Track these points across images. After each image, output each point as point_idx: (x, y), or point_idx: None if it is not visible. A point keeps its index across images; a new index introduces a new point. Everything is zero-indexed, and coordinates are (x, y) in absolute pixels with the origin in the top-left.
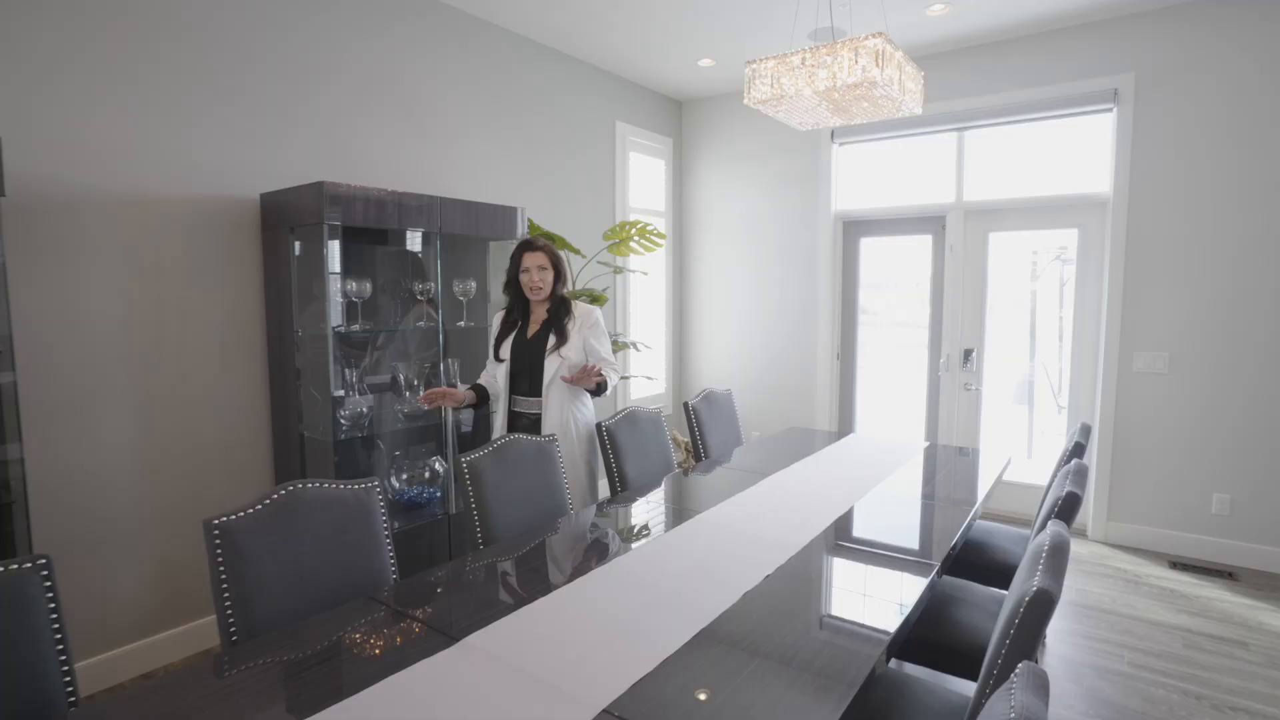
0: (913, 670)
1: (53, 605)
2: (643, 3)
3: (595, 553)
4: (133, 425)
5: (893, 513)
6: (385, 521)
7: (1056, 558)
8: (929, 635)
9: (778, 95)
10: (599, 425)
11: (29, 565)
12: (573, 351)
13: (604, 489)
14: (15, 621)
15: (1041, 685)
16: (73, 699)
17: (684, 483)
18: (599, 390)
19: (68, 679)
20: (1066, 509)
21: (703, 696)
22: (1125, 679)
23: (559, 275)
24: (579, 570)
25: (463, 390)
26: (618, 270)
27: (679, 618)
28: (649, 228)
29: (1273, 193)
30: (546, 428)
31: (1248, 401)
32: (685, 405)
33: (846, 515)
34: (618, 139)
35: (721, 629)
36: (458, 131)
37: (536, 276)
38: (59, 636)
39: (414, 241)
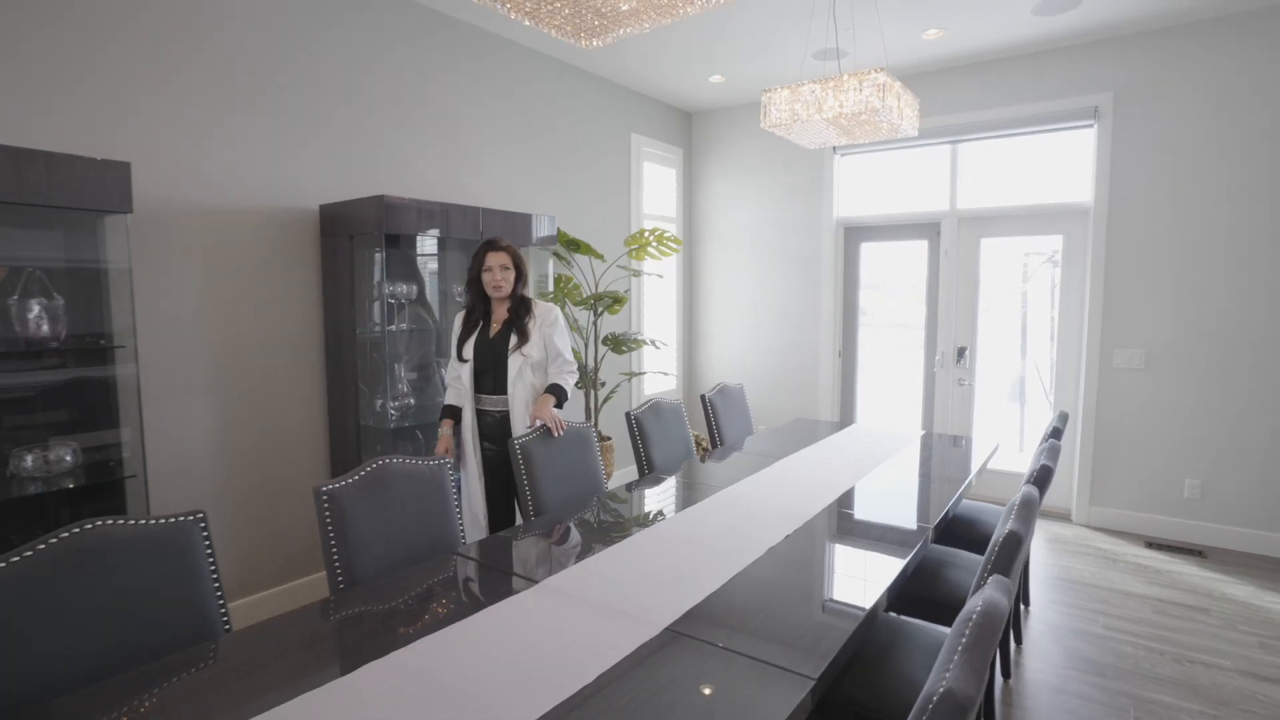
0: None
1: (209, 550)
2: (660, 26)
3: (639, 519)
4: (214, 410)
5: (892, 487)
6: (455, 493)
7: (1026, 509)
8: (924, 593)
9: (791, 120)
10: (628, 415)
11: (190, 517)
12: (534, 350)
13: (624, 476)
14: (184, 563)
15: (1005, 589)
16: (228, 626)
17: (705, 466)
18: (560, 401)
19: (224, 611)
20: (1041, 477)
21: (742, 618)
22: (1099, 639)
23: (520, 275)
24: (629, 531)
25: (446, 432)
26: (635, 274)
27: (718, 565)
28: (665, 234)
29: (1239, 202)
30: (515, 425)
31: (1217, 395)
32: (702, 397)
33: (849, 492)
34: (633, 150)
35: (752, 573)
36: (486, 143)
37: (499, 275)
38: (215, 576)
39: (453, 246)
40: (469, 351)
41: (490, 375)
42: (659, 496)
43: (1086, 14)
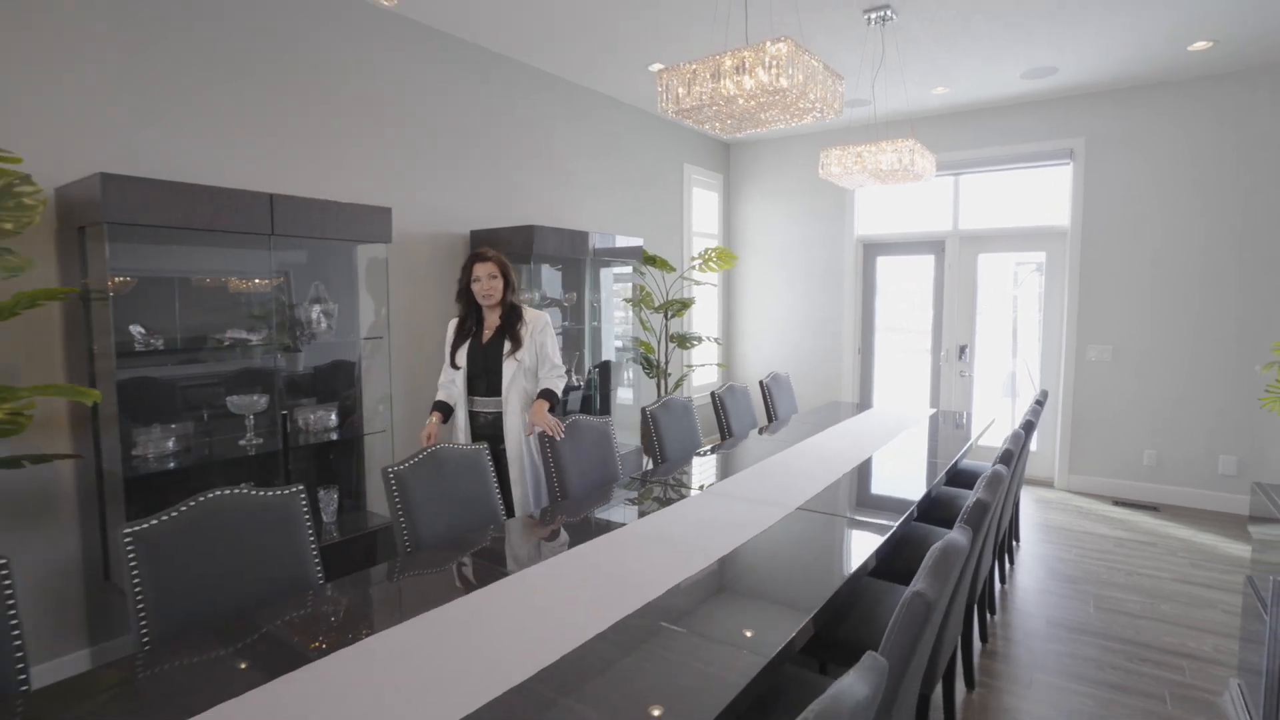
0: None
1: (307, 515)
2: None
3: (705, 477)
4: (398, 394)
5: (905, 452)
6: (494, 477)
7: (994, 482)
8: (911, 564)
9: (841, 172)
10: (645, 413)
11: (291, 490)
12: (527, 355)
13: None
14: (287, 533)
15: (967, 533)
16: (322, 580)
17: (762, 438)
18: (554, 406)
19: (319, 566)
20: (1026, 427)
21: (779, 553)
22: (1072, 562)
23: (508, 283)
24: (691, 489)
25: (434, 421)
26: (698, 284)
27: (764, 514)
28: (724, 250)
29: (1180, 230)
30: (509, 426)
31: (1169, 382)
32: (760, 383)
33: (867, 461)
34: (685, 177)
35: (774, 533)
36: (582, 178)
37: (487, 284)
38: (312, 538)
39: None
40: (462, 358)
41: (484, 379)
42: (725, 462)
43: (1062, 78)
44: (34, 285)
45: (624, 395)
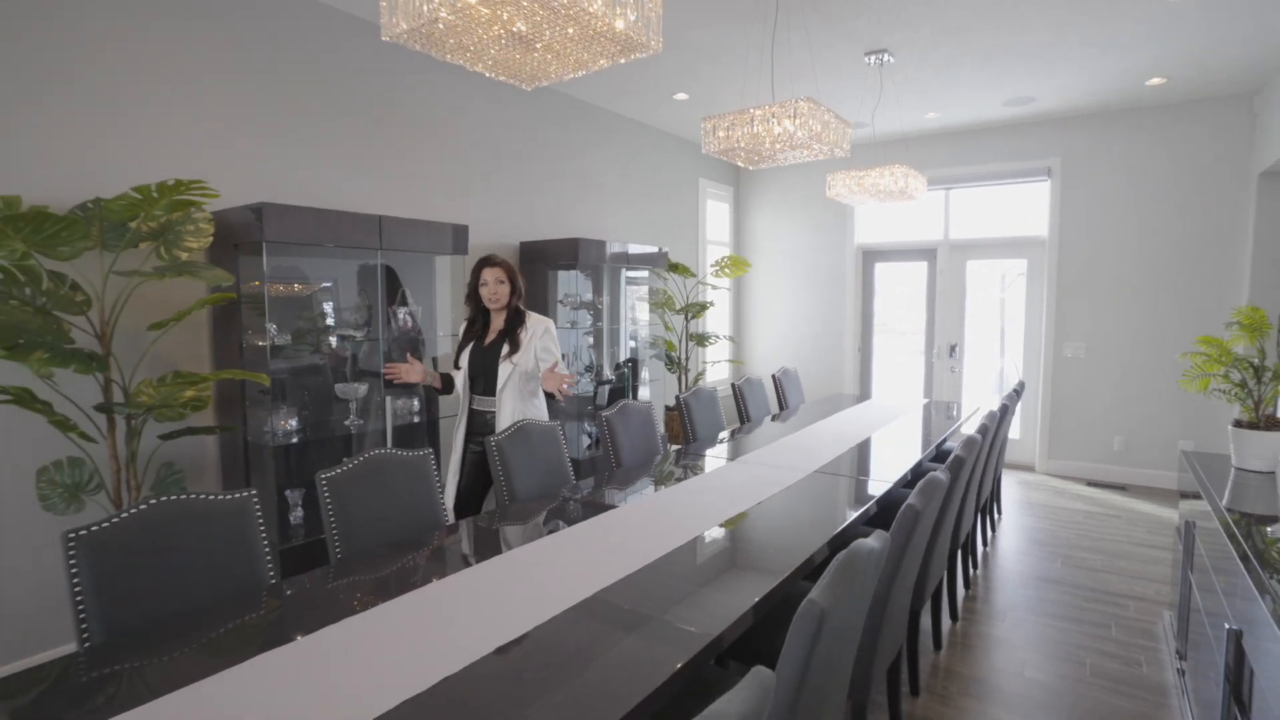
0: None
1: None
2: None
3: (727, 454)
4: None
5: (901, 432)
6: (566, 444)
7: (929, 487)
8: None
9: (847, 194)
10: (677, 399)
11: (428, 452)
12: (524, 359)
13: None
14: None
15: (883, 540)
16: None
17: (776, 423)
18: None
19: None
20: (1002, 409)
21: (803, 501)
22: (1046, 530)
23: (514, 288)
24: (724, 460)
25: (430, 371)
26: (715, 288)
27: (786, 476)
28: (738, 258)
29: (1145, 240)
30: (501, 426)
31: (1135, 375)
32: (773, 376)
33: (868, 439)
34: (699, 190)
35: (799, 487)
36: (610, 194)
37: (494, 289)
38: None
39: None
40: (464, 360)
41: (483, 379)
42: (744, 442)
43: (1039, 106)
44: (184, 292)
45: (641, 393)
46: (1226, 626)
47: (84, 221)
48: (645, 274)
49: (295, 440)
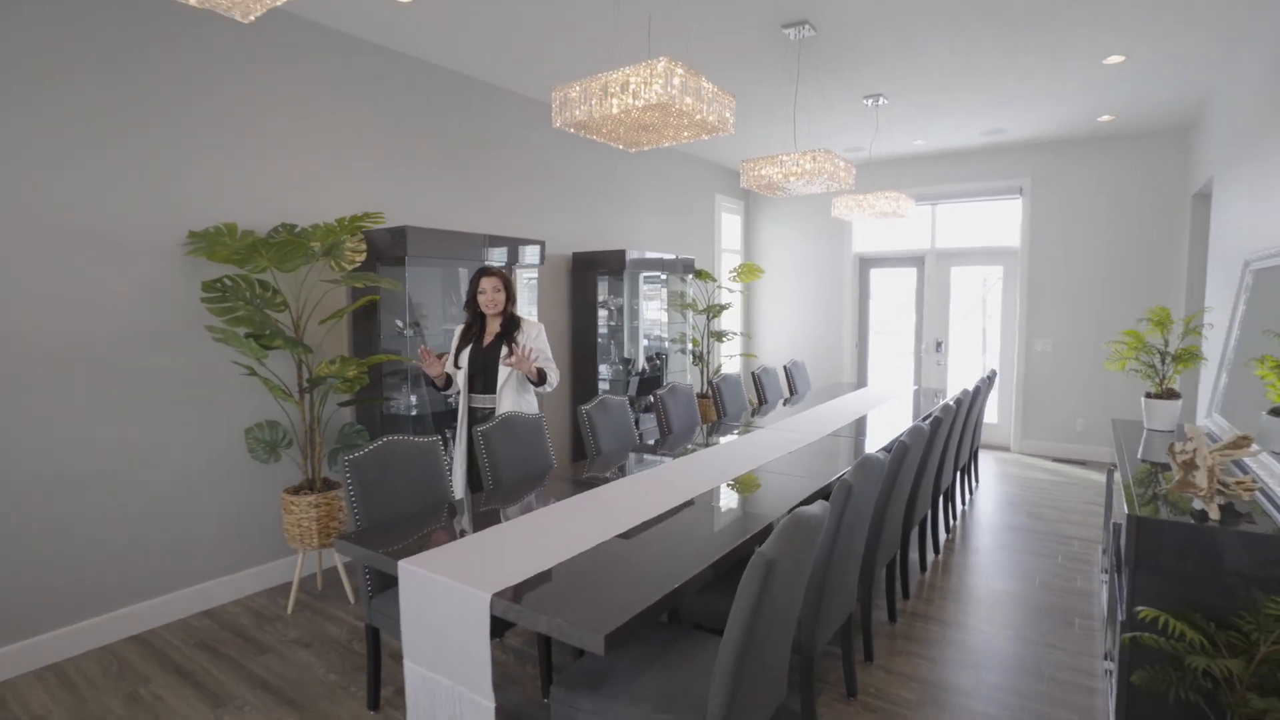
0: None
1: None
2: (732, 131)
3: (760, 422)
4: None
5: (894, 410)
6: (635, 417)
7: (863, 465)
8: None
9: (847, 212)
10: (710, 382)
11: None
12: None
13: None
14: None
15: (824, 509)
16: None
17: (788, 406)
18: (540, 381)
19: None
20: (975, 390)
21: (790, 475)
22: (1016, 494)
23: (509, 296)
24: (726, 436)
25: (443, 369)
26: (733, 291)
27: (802, 438)
28: (752, 265)
29: (1105, 247)
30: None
31: (1093, 366)
32: (784, 367)
33: (863, 416)
34: (716, 205)
35: (799, 453)
36: (646, 211)
37: (492, 296)
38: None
39: (648, 279)
40: (463, 360)
41: (482, 378)
42: (759, 422)
43: (1011, 135)
44: (331, 296)
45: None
46: (1112, 522)
47: (305, 243)
48: (669, 278)
49: (414, 413)
